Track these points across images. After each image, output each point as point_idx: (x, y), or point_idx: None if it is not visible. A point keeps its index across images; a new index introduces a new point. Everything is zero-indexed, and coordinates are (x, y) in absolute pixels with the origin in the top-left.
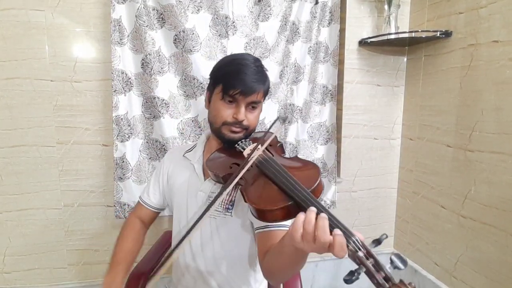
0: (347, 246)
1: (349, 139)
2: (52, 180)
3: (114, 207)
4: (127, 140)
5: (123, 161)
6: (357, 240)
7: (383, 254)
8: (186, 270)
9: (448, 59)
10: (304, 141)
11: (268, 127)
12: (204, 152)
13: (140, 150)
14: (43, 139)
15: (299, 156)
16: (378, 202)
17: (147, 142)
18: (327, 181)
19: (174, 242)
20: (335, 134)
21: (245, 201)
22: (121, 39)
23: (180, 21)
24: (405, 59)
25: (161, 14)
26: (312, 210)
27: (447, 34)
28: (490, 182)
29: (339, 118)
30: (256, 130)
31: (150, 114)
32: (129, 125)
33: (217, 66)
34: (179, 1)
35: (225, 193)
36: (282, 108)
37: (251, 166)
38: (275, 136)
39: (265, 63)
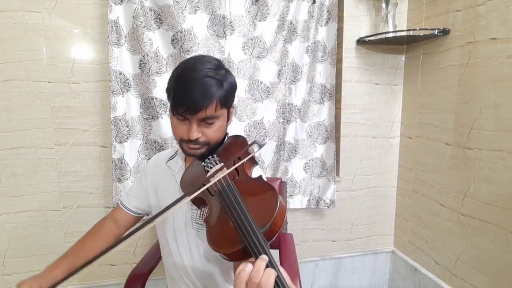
0: None
1: (348, 138)
2: (51, 181)
3: (114, 208)
4: (125, 141)
5: (122, 162)
6: None
7: (383, 252)
8: (177, 272)
9: (446, 57)
10: (303, 140)
11: (243, 149)
12: (185, 161)
13: (138, 151)
14: (41, 140)
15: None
16: (378, 201)
17: (145, 143)
18: (326, 180)
19: (164, 252)
20: (334, 133)
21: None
22: (118, 40)
23: (177, 21)
24: (403, 58)
25: (159, 14)
26: (263, 258)
27: (445, 32)
28: (489, 179)
29: (337, 117)
30: (236, 135)
31: (149, 115)
32: (127, 126)
33: (170, 76)
34: (176, 2)
35: (175, 207)
36: (280, 108)
37: (214, 191)
38: (250, 154)
39: (263, 62)
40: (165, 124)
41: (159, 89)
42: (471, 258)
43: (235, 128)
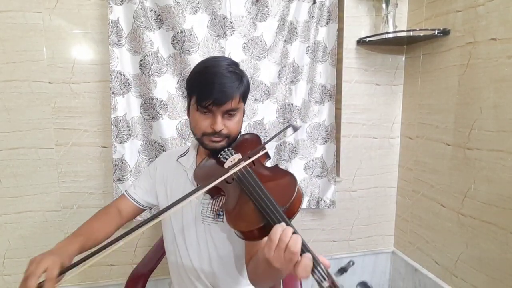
0: (313, 274)
1: (348, 139)
2: (51, 182)
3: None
4: (126, 141)
5: (122, 163)
6: (322, 269)
7: (383, 253)
8: (183, 271)
9: (446, 58)
10: (303, 140)
11: (277, 132)
12: (197, 156)
13: (139, 151)
14: (41, 141)
15: (281, 166)
16: (378, 201)
17: (146, 143)
18: (327, 181)
19: (169, 249)
20: (334, 133)
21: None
22: (119, 40)
23: (178, 22)
24: (404, 58)
25: (159, 15)
26: (290, 228)
27: (445, 32)
28: (489, 180)
29: (338, 117)
30: (249, 133)
31: (149, 115)
32: (127, 127)
33: (190, 75)
34: (177, 2)
35: (186, 201)
36: (280, 108)
37: (232, 179)
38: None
39: (263, 63)
40: (165, 125)
41: (160, 90)
42: (471, 258)
43: None
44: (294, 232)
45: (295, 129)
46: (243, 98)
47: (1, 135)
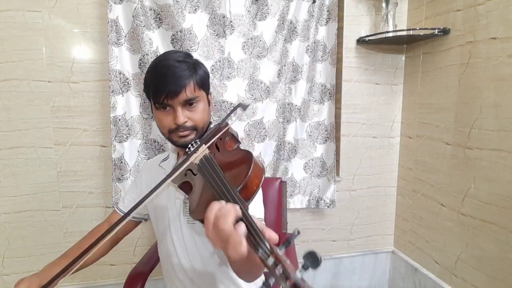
0: (256, 251)
1: (348, 138)
2: (50, 181)
3: (113, 208)
4: (125, 140)
5: (122, 162)
6: (266, 244)
7: (383, 253)
8: (173, 272)
9: (446, 57)
10: (303, 140)
11: (226, 116)
12: (178, 159)
13: (138, 151)
14: (40, 140)
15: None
16: (378, 201)
17: (145, 142)
18: (326, 180)
19: (160, 251)
20: (334, 133)
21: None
22: (118, 40)
23: (177, 21)
24: (403, 57)
25: (158, 14)
26: (226, 203)
27: (445, 31)
28: (489, 179)
29: (337, 117)
30: (219, 122)
31: (148, 115)
32: (127, 126)
33: (144, 78)
34: (176, 1)
35: (158, 190)
36: (280, 108)
37: (197, 170)
38: (228, 128)
39: (263, 62)
40: None
41: None
42: (472, 258)
43: (235, 128)
44: (243, 216)
45: (244, 108)
46: (202, 86)
47: (0, 134)
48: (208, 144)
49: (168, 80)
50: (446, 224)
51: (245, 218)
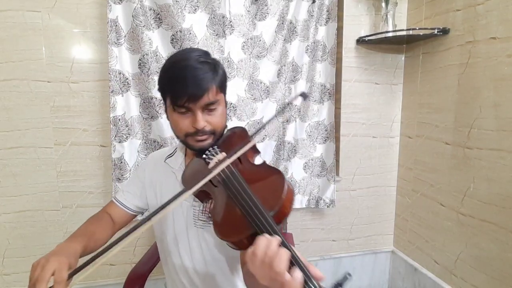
0: None
1: (348, 138)
2: (50, 181)
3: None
4: (125, 140)
5: (121, 162)
6: (315, 285)
7: (382, 253)
8: (176, 274)
9: (446, 57)
10: (302, 140)
11: (262, 125)
12: (185, 157)
13: (138, 151)
14: (40, 140)
15: (266, 163)
16: (377, 201)
17: (145, 142)
18: (326, 180)
19: (161, 250)
20: (334, 132)
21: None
22: (118, 40)
23: (177, 21)
24: (403, 57)
25: (158, 14)
26: (277, 238)
27: (444, 31)
28: (489, 179)
29: (337, 116)
30: (236, 126)
31: (148, 115)
32: (126, 126)
33: (160, 74)
34: (176, 1)
35: (173, 204)
36: (280, 107)
37: (218, 182)
38: (252, 141)
39: (262, 62)
40: (164, 124)
41: None
42: (471, 258)
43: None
44: (282, 245)
45: (305, 96)
46: (221, 88)
47: (0, 134)
48: (232, 159)
49: (190, 82)
50: (446, 224)
51: (295, 259)
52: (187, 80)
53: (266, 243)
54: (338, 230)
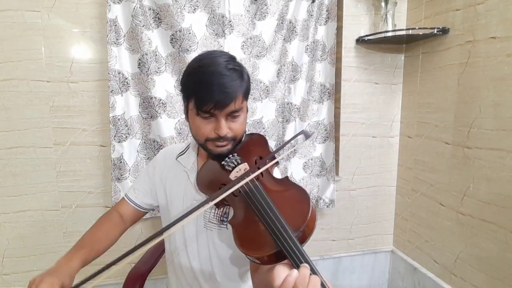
0: None
1: (347, 138)
2: (49, 181)
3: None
4: (124, 140)
5: (121, 162)
6: None
7: (382, 252)
8: (182, 273)
9: (445, 56)
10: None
11: (286, 141)
12: (197, 157)
13: (137, 151)
14: (40, 140)
15: (289, 178)
16: (377, 200)
17: (144, 142)
18: (326, 180)
19: (167, 250)
20: (333, 132)
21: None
22: (117, 39)
23: (176, 20)
24: (403, 57)
25: (157, 13)
26: (306, 266)
27: (444, 31)
28: (489, 179)
29: (337, 116)
30: (254, 133)
31: (148, 114)
32: (126, 126)
33: (185, 76)
34: (175, 1)
35: (193, 215)
36: (279, 107)
37: (239, 192)
38: (274, 156)
39: (262, 61)
40: (164, 124)
41: (158, 89)
42: (471, 257)
43: None
44: (312, 271)
45: (307, 136)
46: (246, 96)
47: None
48: (256, 174)
49: (218, 90)
50: (446, 223)
51: (322, 281)
52: (214, 88)
53: (296, 275)
54: (338, 229)
